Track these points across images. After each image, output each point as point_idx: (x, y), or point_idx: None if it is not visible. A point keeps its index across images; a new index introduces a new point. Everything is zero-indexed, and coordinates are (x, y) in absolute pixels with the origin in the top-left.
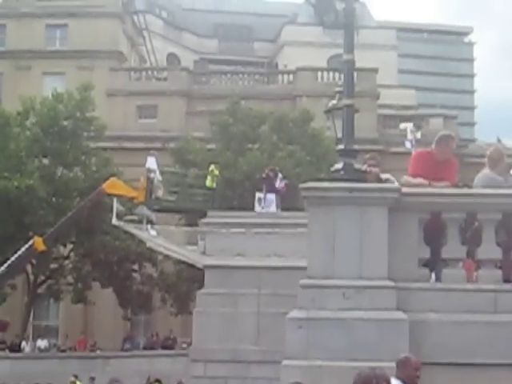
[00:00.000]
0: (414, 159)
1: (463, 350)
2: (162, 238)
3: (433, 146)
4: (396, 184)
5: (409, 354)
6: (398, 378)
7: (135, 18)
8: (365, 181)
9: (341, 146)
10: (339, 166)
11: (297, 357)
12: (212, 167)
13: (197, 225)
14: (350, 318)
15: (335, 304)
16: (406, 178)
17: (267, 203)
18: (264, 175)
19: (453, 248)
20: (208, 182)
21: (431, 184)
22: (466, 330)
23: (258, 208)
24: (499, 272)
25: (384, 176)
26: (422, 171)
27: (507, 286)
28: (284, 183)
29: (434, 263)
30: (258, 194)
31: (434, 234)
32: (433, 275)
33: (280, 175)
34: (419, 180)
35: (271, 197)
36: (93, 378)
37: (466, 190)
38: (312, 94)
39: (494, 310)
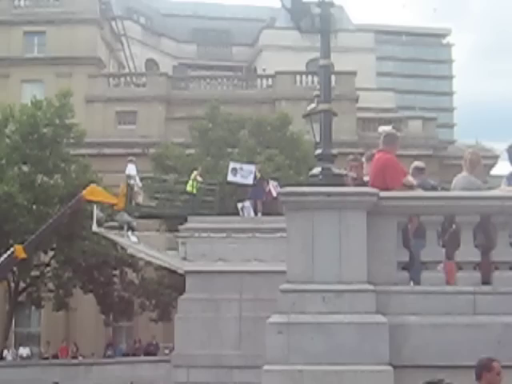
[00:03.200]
0: (394, 161)
1: (443, 353)
2: (142, 244)
3: (385, 146)
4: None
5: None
6: None
7: (113, 24)
8: (343, 185)
9: (319, 151)
10: (317, 170)
11: (277, 361)
12: (195, 173)
13: (177, 230)
14: (329, 322)
15: (315, 308)
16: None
17: (246, 210)
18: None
19: (431, 251)
20: (188, 187)
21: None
22: (445, 333)
23: None
24: (478, 274)
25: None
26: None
27: (486, 288)
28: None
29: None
30: (239, 204)
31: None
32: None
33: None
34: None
35: (247, 204)
36: None
37: (445, 193)
38: (291, 97)
39: (473, 312)
